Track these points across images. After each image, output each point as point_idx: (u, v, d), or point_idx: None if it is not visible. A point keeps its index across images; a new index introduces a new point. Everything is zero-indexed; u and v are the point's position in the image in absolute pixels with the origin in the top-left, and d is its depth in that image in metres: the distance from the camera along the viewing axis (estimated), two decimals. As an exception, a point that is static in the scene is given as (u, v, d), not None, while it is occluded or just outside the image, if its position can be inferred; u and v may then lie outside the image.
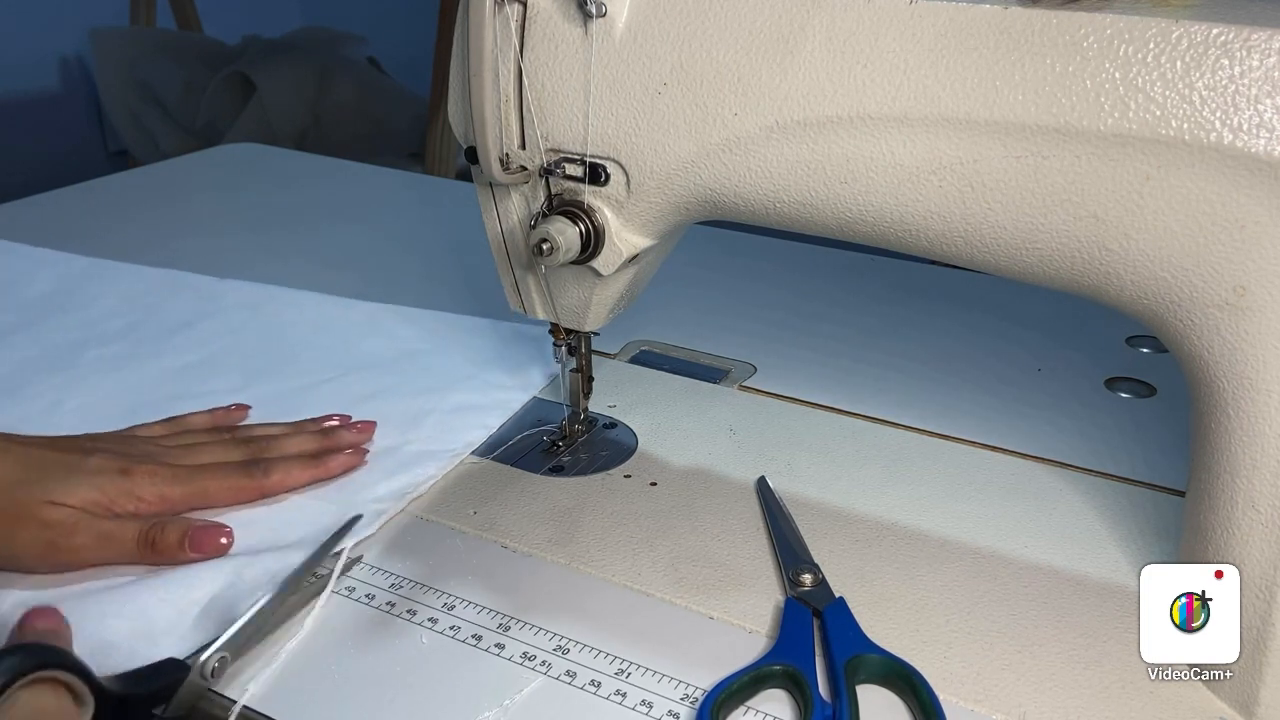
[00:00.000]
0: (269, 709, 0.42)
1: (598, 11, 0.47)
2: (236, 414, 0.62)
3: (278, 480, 0.55)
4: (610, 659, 0.45)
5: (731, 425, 0.63)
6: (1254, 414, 0.40)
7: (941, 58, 0.42)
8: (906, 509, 0.55)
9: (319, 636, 0.46)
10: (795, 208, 0.47)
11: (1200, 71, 0.38)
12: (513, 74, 0.50)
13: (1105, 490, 0.56)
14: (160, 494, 0.51)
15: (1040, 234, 0.42)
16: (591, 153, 0.50)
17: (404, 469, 0.57)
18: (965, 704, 0.42)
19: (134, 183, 1.17)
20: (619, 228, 0.51)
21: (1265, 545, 0.41)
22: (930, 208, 0.44)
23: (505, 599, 0.49)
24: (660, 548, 0.52)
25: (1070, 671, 0.44)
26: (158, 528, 0.49)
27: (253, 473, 0.54)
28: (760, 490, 0.56)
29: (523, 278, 0.57)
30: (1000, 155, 0.41)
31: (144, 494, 0.51)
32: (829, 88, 0.44)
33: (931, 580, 0.50)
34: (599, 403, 0.64)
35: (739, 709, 0.42)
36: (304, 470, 0.55)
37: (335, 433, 0.59)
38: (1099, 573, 0.50)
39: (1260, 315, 0.39)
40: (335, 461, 0.56)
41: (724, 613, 0.48)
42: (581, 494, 0.56)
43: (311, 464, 0.56)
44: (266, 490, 0.54)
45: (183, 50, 2.27)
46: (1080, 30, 0.40)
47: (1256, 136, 0.37)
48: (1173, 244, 0.40)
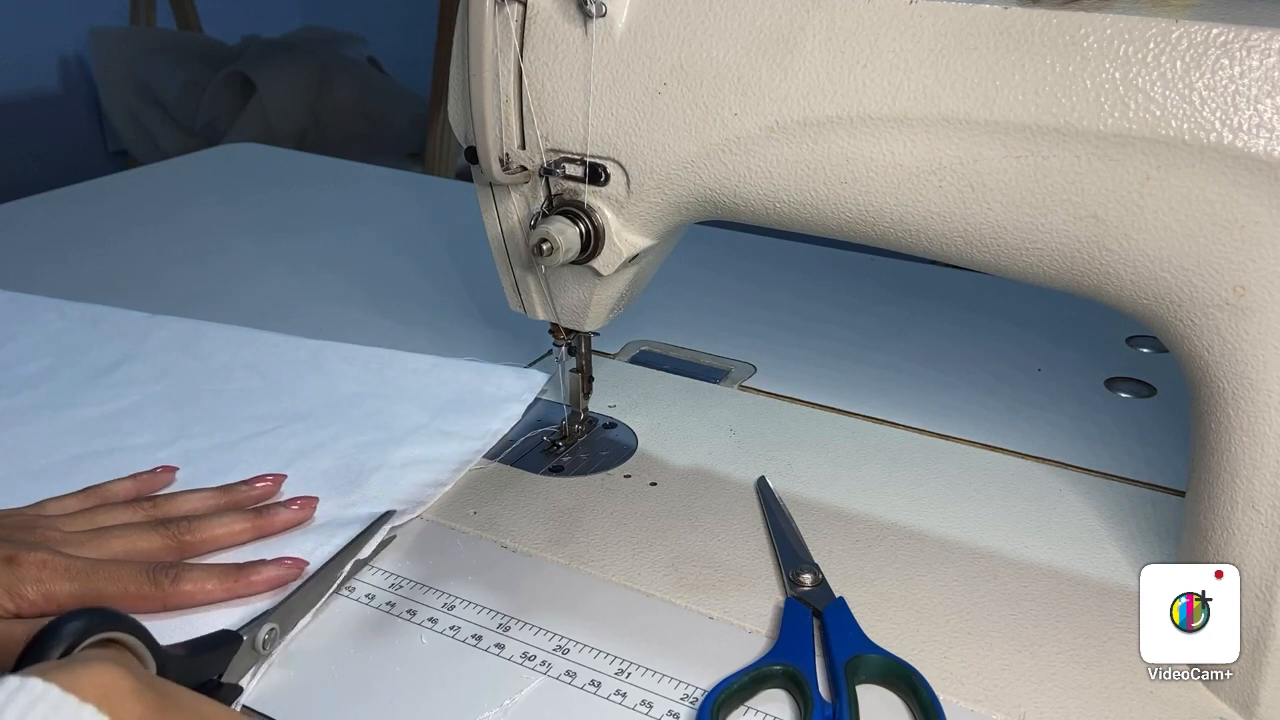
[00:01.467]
0: (269, 709, 0.42)
1: (598, 11, 0.47)
2: (162, 477, 0.57)
3: (186, 592, 0.47)
4: (610, 659, 0.45)
5: (731, 425, 0.63)
6: (1254, 414, 0.40)
7: (941, 58, 0.42)
8: (906, 509, 0.55)
9: (319, 636, 0.46)
10: (795, 208, 0.47)
11: (1200, 71, 0.38)
12: (513, 74, 0.50)
13: (1105, 490, 0.56)
14: (45, 592, 0.44)
15: (1040, 234, 0.42)
16: (591, 153, 0.50)
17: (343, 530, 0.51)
18: (965, 704, 0.42)
19: (134, 183, 1.17)
20: (619, 228, 0.51)
21: (1265, 545, 0.41)
22: (930, 208, 0.44)
23: (505, 599, 0.49)
24: (660, 548, 0.52)
25: (1070, 671, 0.44)
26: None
27: (159, 580, 0.47)
28: (760, 490, 0.56)
29: (523, 278, 0.57)
30: (1000, 155, 0.41)
31: (26, 591, 0.44)
32: (829, 88, 0.44)
33: (931, 580, 0.50)
34: (599, 403, 0.64)
35: (739, 709, 0.42)
36: (220, 583, 0.48)
37: (270, 511, 0.53)
38: (1099, 573, 0.50)
39: (1260, 315, 0.39)
40: (260, 575, 0.48)
41: (724, 613, 0.48)
42: (581, 494, 0.56)
43: (230, 575, 0.48)
44: (170, 602, 0.47)
45: (183, 50, 2.27)
46: (1080, 30, 0.40)
47: (1256, 136, 0.37)
48: (1173, 244, 0.40)
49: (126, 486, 0.55)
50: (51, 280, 0.85)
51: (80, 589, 0.45)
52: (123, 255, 0.91)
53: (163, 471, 0.57)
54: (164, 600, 0.47)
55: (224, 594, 0.48)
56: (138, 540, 0.49)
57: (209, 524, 0.51)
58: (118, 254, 0.91)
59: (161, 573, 0.47)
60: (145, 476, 0.56)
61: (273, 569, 0.49)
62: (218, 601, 0.48)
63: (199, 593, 0.47)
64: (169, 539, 0.50)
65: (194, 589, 0.47)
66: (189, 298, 0.82)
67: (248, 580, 0.48)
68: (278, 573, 0.49)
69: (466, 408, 0.63)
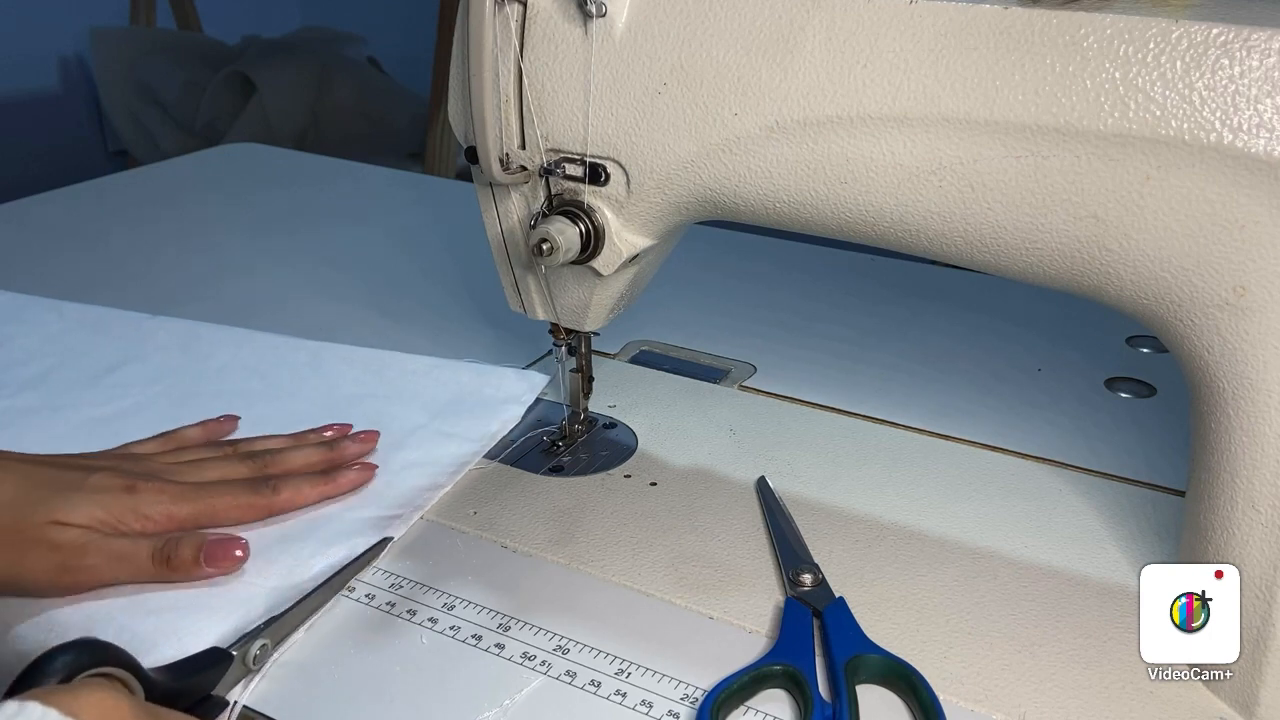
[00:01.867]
0: (268, 709, 0.42)
1: (598, 11, 0.47)
2: (227, 425, 0.61)
3: (287, 498, 0.53)
4: (610, 659, 0.45)
5: (731, 425, 0.63)
6: (1254, 414, 0.40)
7: (941, 58, 0.42)
8: (906, 509, 0.55)
9: (319, 636, 0.46)
10: (795, 208, 0.47)
11: (1200, 71, 0.38)
12: (513, 74, 0.50)
13: (1105, 490, 0.56)
14: (167, 512, 0.50)
15: (1040, 234, 0.42)
16: (591, 153, 0.50)
17: (343, 539, 0.52)
18: (965, 704, 0.42)
19: (134, 183, 1.17)
20: (619, 228, 0.51)
21: (1265, 545, 0.41)
22: (930, 208, 0.44)
23: (505, 599, 0.49)
24: (660, 548, 0.52)
25: (1070, 671, 0.44)
26: (172, 544, 0.48)
27: (261, 490, 0.53)
28: (760, 490, 0.56)
29: (523, 278, 0.57)
30: (1000, 155, 0.41)
31: (151, 512, 0.49)
32: (829, 88, 0.44)
33: (931, 580, 0.50)
34: (599, 403, 0.64)
35: (739, 709, 0.42)
36: (313, 487, 0.54)
37: (339, 444, 0.58)
38: (1099, 573, 0.50)
39: (1260, 315, 0.39)
40: (345, 478, 0.55)
41: (724, 613, 0.48)
42: (581, 494, 0.56)
43: (320, 480, 0.54)
44: (275, 508, 0.53)
45: (183, 50, 2.27)
46: (1080, 30, 0.40)
47: (1256, 136, 0.37)
48: (1173, 244, 0.40)
49: (196, 432, 0.59)
50: (51, 280, 0.85)
51: (197, 508, 0.51)
52: (123, 255, 0.91)
53: (226, 420, 0.61)
54: (269, 507, 0.53)
55: (317, 496, 0.54)
56: (230, 470, 0.54)
57: (288, 455, 0.56)
58: (118, 254, 0.91)
59: (262, 485, 0.53)
60: (212, 423, 0.60)
61: (352, 471, 0.55)
62: (312, 503, 0.54)
63: (298, 496, 0.53)
64: (256, 469, 0.55)
65: (292, 494, 0.53)
66: (189, 298, 0.82)
67: (335, 483, 0.55)
68: (356, 474, 0.55)
69: (466, 409, 0.63)
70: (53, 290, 0.83)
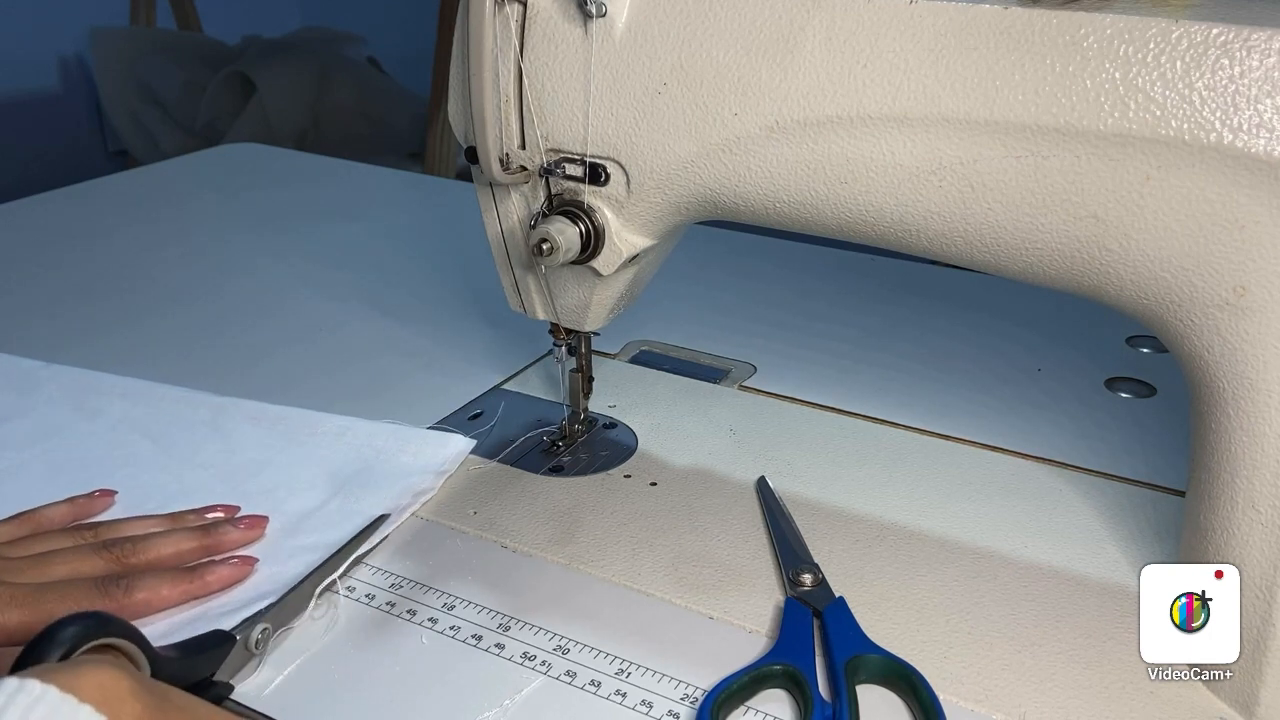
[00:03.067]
0: (269, 709, 0.42)
1: (598, 11, 0.47)
2: (100, 502, 0.54)
3: (141, 600, 0.46)
4: (610, 659, 0.45)
5: (731, 425, 0.63)
6: (1254, 414, 0.40)
7: (941, 58, 0.42)
8: (906, 509, 0.55)
9: (319, 636, 0.46)
10: (795, 208, 0.47)
11: (1200, 71, 0.38)
12: (513, 74, 0.50)
13: (1105, 490, 0.56)
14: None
15: (1040, 234, 0.42)
16: (591, 153, 0.50)
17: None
18: (965, 704, 0.42)
19: (134, 183, 1.17)
20: (619, 228, 0.51)
21: (1265, 545, 0.41)
22: (930, 208, 0.44)
23: (505, 599, 0.49)
24: (660, 548, 0.52)
25: (1070, 671, 0.44)
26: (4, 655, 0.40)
27: (111, 592, 0.45)
28: (760, 490, 0.56)
29: (523, 278, 0.57)
30: (1000, 155, 0.41)
31: None
32: (829, 88, 0.44)
33: (931, 580, 0.50)
34: (599, 403, 0.64)
35: (739, 709, 0.42)
36: (173, 587, 0.46)
37: (219, 529, 0.51)
38: (1099, 573, 0.50)
39: (1260, 315, 0.39)
40: (214, 575, 0.48)
41: (724, 613, 0.48)
42: (581, 494, 0.56)
43: (184, 578, 0.47)
44: (125, 613, 0.45)
45: (183, 50, 2.27)
46: (1080, 30, 0.40)
47: (1256, 136, 0.37)
48: (1173, 244, 0.40)
49: (63, 511, 0.53)
50: (51, 281, 0.86)
51: (30, 616, 0.43)
52: (122, 255, 0.91)
53: (100, 495, 0.55)
54: (119, 611, 0.44)
55: (180, 597, 0.47)
56: (80, 565, 0.47)
57: (155, 544, 0.49)
58: (118, 254, 0.91)
59: (113, 585, 0.46)
60: (82, 500, 0.54)
61: (224, 568, 0.48)
62: (174, 605, 0.47)
63: (155, 599, 0.46)
64: (113, 562, 0.48)
65: (149, 596, 0.46)
66: (189, 298, 0.82)
67: (203, 580, 0.47)
68: (230, 571, 0.48)
69: (375, 480, 0.56)
70: (52, 290, 0.83)
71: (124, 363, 0.71)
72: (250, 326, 0.77)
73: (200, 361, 0.72)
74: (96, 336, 0.75)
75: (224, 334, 0.76)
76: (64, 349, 0.73)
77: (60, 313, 0.80)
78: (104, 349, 0.73)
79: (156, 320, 0.79)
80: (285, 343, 0.75)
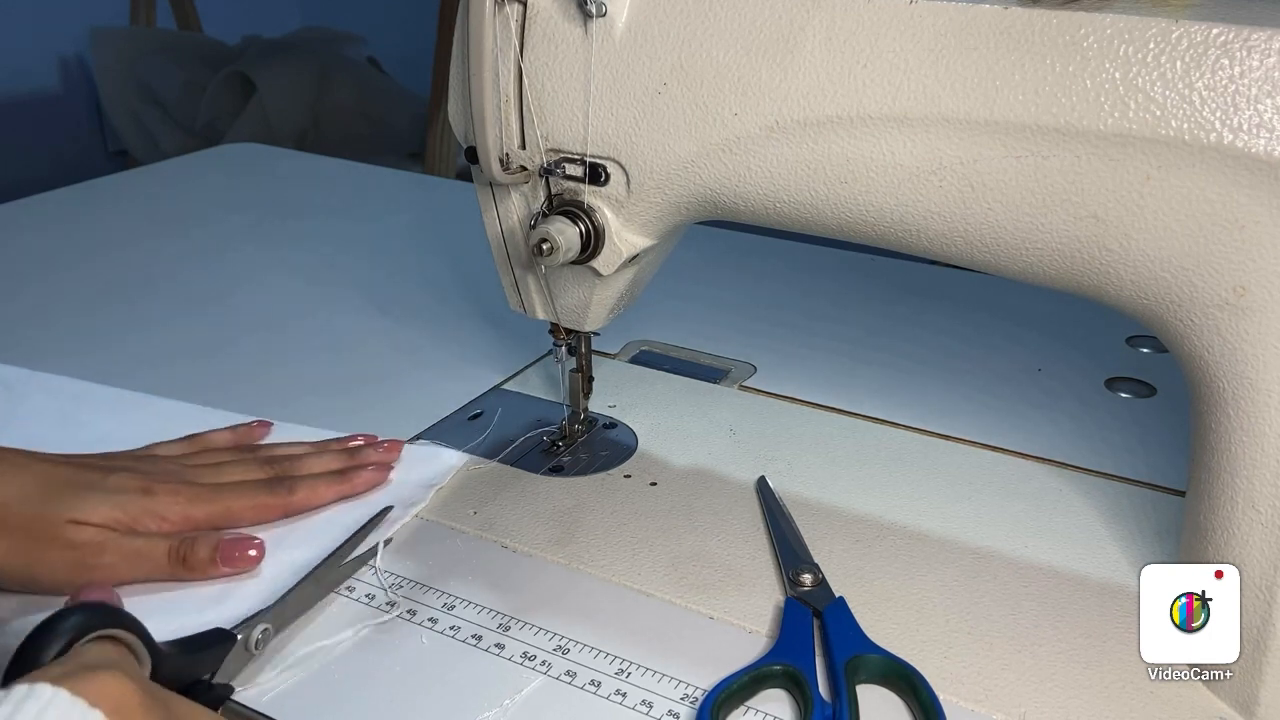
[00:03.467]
0: (268, 709, 0.42)
1: (598, 11, 0.47)
2: (259, 431, 0.61)
3: (303, 497, 0.53)
4: (610, 659, 0.45)
5: (731, 425, 0.63)
6: (1254, 414, 0.40)
7: (941, 58, 0.42)
8: (906, 509, 0.55)
9: (319, 636, 0.46)
10: (795, 208, 0.47)
11: (1200, 71, 0.38)
12: (513, 74, 0.50)
13: (1105, 490, 0.56)
14: (184, 513, 0.50)
15: (1040, 234, 0.42)
16: (591, 153, 0.50)
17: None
18: (965, 704, 0.42)
19: (134, 183, 1.17)
20: (619, 228, 0.51)
21: (1265, 545, 0.41)
22: (930, 208, 0.44)
23: (505, 599, 0.49)
24: (660, 548, 0.52)
25: (1070, 671, 0.44)
26: (188, 543, 0.48)
27: (277, 490, 0.53)
28: (760, 490, 0.56)
29: (523, 278, 0.57)
30: (1000, 155, 0.41)
31: (167, 513, 0.49)
32: (829, 88, 0.44)
33: (931, 580, 0.49)
34: (599, 403, 0.64)
35: (739, 709, 0.42)
36: (329, 487, 0.54)
37: (360, 451, 0.58)
38: (1099, 573, 0.50)
39: (1260, 315, 0.39)
40: (360, 477, 0.55)
41: (724, 613, 0.48)
42: (581, 494, 0.56)
43: (337, 480, 0.54)
44: (291, 508, 0.53)
45: (183, 50, 2.27)
46: (1080, 30, 0.40)
47: (1256, 136, 0.37)
48: (1173, 244, 0.40)
49: (224, 436, 0.59)
50: (51, 281, 0.86)
51: (213, 509, 0.51)
52: (122, 255, 0.91)
53: (259, 426, 0.61)
54: (286, 507, 0.53)
55: (334, 494, 0.54)
56: (247, 472, 0.54)
57: (308, 460, 0.56)
58: (117, 254, 0.91)
59: (279, 485, 0.53)
60: (243, 429, 0.60)
61: (369, 472, 0.55)
62: (330, 502, 0.54)
63: (314, 496, 0.54)
64: (273, 471, 0.55)
65: (309, 494, 0.53)
66: (189, 298, 0.82)
67: (351, 481, 0.55)
68: (373, 474, 0.55)
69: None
70: (52, 291, 0.83)
71: (123, 362, 0.71)
72: (250, 326, 0.77)
73: (200, 361, 0.72)
74: (95, 336, 0.75)
75: (224, 334, 0.76)
76: (63, 348, 0.73)
77: (60, 312, 0.80)
78: (103, 349, 0.73)
79: (156, 320, 0.78)
80: (284, 342, 0.75)
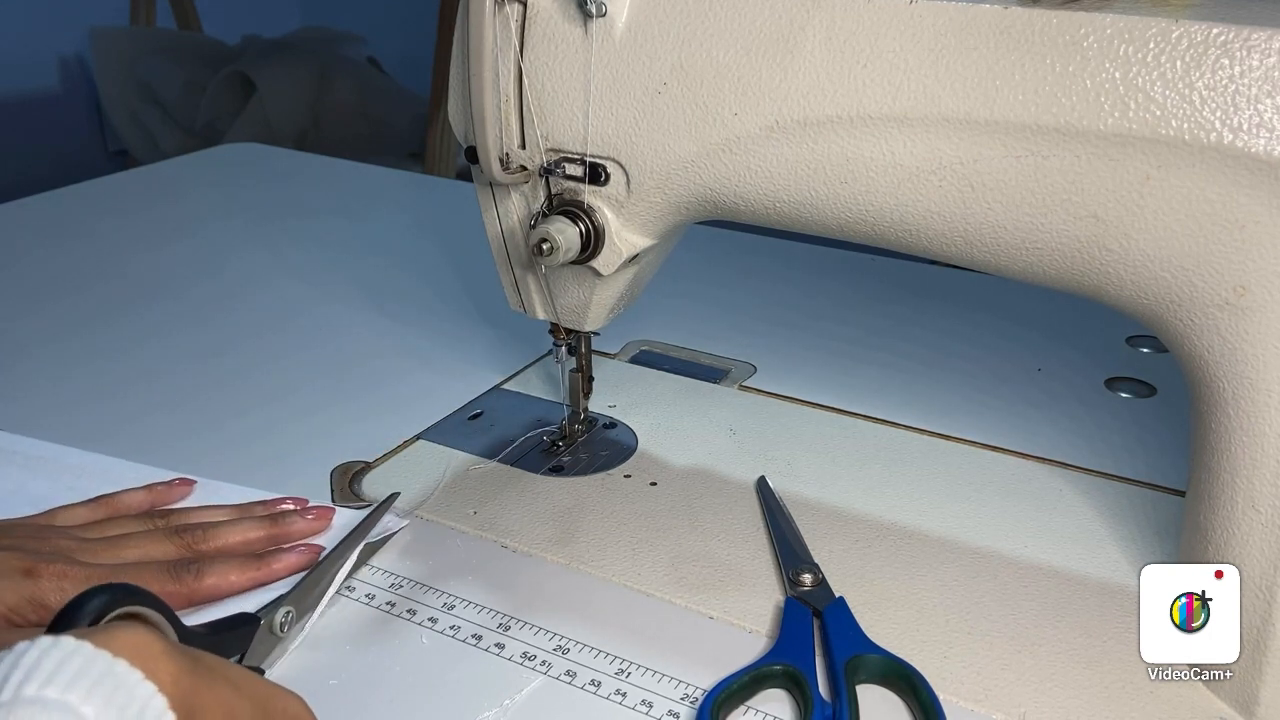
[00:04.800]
0: (269, 709, 0.42)
1: (598, 11, 0.47)
2: (178, 491, 0.55)
3: (210, 585, 0.47)
4: (610, 659, 0.45)
5: (731, 425, 0.63)
6: (1254, 414, 0.40)
7: (941, 58, 0.42)
8: (906, 509, 0.55)
9: (319, 636, 0.46)
10: (795, 208, 0.47)
11: (1200, 71, 0.38)
12: (513, 74, 0.50)
13: (1105, 490, 0.56)
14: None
15: (1040, 234, 0.42)
16: (591, 153, 0.50)
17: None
18: (965, 704, 0.42)
19: (134, 183, 1.17)
20: (619, 228, 0.51)
21: (1265, 545, 0.41)
22: (930, 208, 0.44)
23: (505, 599, 0.49)
24: (660, 548, 0.52)
25: (1070, 671, 0.44)
26: None
27: (182, 576, 0.47)
28: (760, 490, 0.56)
29: (523, 278, 0.57)
30: (1000, 155, 0.41)
31: (50, 601, 0.43)
32: (829, 87, 0.44)
33: (931, 580, 0.49)
34: (599, 403, 0.64)
35: (739, 709, 0.42)
36: (242, 573, 0.48)
37: (286, 519, 0.52)
38: (1099, 573, 0.50)
39: (1260, 315, 0.39)
40: (280, 562, 0.49)
41: (724, 613, 0.48)
42: (581, 494, 0.56)
43: (252, 564, 0.48)
44: (196, 597, 0.47)
45: (183, 50, 2.27)
46: (1080, 30, 0.40)
47: (1256, 136, 0.37)
48: (1173, 244, 0.40)
49: (140, 497, 0.54)
50: (51, 281, 0.86)
51: None
52: (122, 256, 0.91)
53: (179, 484, 0.56)
54: (190, 596, 0.47)
55: (247, 583, 0.48)
56: (152, 548, 0.49)
57: (224, 531, 0.50)
58: (117, 254, 0.91)
59: (183, 569, 0.47)
60: (160, 488, 0.55)
61: (291, 555, 0.49)
62: (241, 591, 0.48)
63: (223, 584, 0.48)
64: (184, 548, 0.49)
65: (218, 581, 0.47)
66: (188, 299, 0.82)
67: (269, 568, 0.49)
68: (297, 558, 0.49)
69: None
70: (52, 291, 0.83)
71: (122, 361, 0.71)
72: (250, 326, 0.77)
73: (199, 362, 0.72)
74: (95, 338, 0.75)
75: (223, 335, 0.76)
76: (62, 348, 0.73)
77: (59, 312, 0.80)
78: (103, 352, 0.73)
79: (156, 321, 0.78)
80: (284, 343, 0.75)
